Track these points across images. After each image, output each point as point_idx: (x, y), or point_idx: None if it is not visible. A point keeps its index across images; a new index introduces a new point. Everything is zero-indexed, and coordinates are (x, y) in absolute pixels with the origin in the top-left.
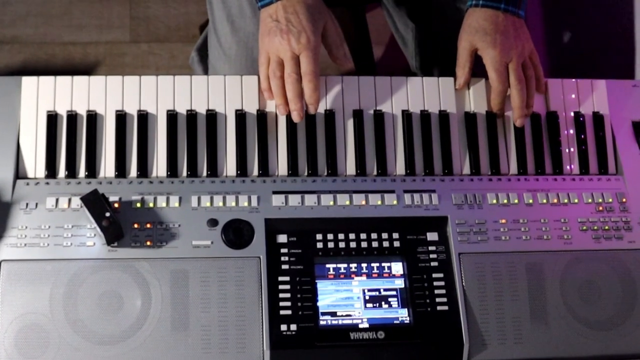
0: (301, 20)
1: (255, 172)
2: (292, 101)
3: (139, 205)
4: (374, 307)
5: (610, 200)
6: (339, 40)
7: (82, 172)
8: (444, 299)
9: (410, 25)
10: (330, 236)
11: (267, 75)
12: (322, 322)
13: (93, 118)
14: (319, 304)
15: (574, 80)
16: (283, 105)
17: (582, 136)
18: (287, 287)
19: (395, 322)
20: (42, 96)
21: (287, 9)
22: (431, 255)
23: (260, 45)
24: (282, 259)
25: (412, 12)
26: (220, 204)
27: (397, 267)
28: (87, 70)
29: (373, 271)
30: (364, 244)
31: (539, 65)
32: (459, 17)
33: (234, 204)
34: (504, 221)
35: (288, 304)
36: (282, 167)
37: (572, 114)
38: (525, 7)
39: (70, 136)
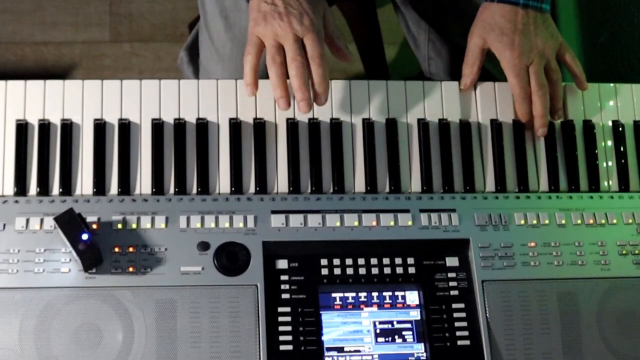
0: (301, 2)
1: (252, 188)
2: (299, 89)
3: (120, 226)
4: (386, 341)
5: None
6: (338, 31)
7: (55, 188)
8: (465, 333)
9: (423, 26)
10: (336, 261)
11: (254, 65)
12: (327, 359)
13: (68, 127)
14: (323, 338)
15: (612, 85)
16: (285, 98)
17: (622, 148)
18: (288, 319)
19: (410, 358)
20: (10, 103)
21: None
22: (451, 283)
23: (252, 31)
24: (282, 287)
25: (425, 11)
26: (212, 225)
27: (412, 297)
28: (61, 73)
29: (385, 301)
30: (374, 270)
31: (573, 62)
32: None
33: (227, 225)
34: (533, 244)
35: (289, 338)
36: (282, 184)
37: (610, 123)
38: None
39: (43, 148)
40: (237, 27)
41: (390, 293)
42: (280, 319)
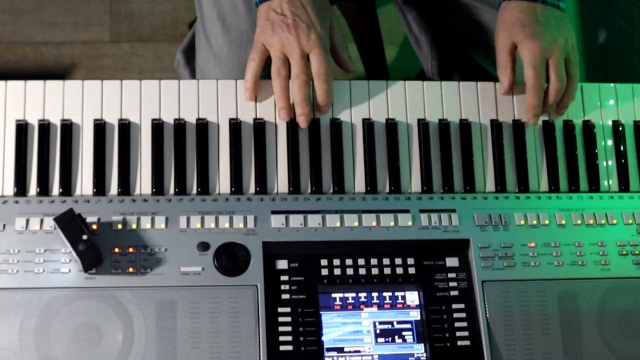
0: (309, 14)
1: (252, 189)
2: (300, 104)
3: (120, 226)
4: (386, 342)
5: None
6: (344, 42)
7: (55, 189)
8: (465, 333)
9: (425, 26)
10: (336, 262)
11: (256, 72)
12: (327, 359)
13: (68, 128)
14: (323, 338)
15: (612, 85)
16: (286, 109)
17: (622, 148)
18: (288, 319)
19: (410, 359)
20: (10, 103)
21: (294, 3)
22: (451, 284)
23: (258, 38)
24: (282, 287)
25: (427, 10)
26: (212, 225)
27: (412, 297)
28: (61, 73)
29: (385, 301)
30: (374, 271)
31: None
32: (478, 16)
33: (227, 225)
34: (533, 244)
35: (289, 338)
36: (282, 184)
37: (610, 122)
38: None
39: (43, 148)
40: (234, 30)
41: (390, 293)
42: (280, 319)
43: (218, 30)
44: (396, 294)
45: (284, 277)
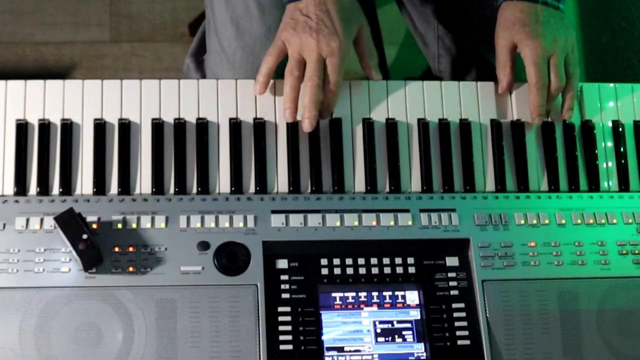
0: (334, 21)
1: (252, 188)
2: (307, 107)
3: (120, 226)
4: (386, 341)
5: None
6: (373, 49)
7: (56, 188)
8: (465, 333)
9: (431, 23)
10: (336, 261)
11: (271, 68)
12: (327, 359)
13: (68, 127)
14: (323, 337)
15: (612, 85)
16: (292, 110)
17: (622, 148)
18: (288, 318)
19: (410, 358)
20: (10, 102)
21: (320, 6)
22: (451, 283)
23: (279, 35)
24: (282, 287)
25: (433, 7)
26: (212, 224)
27: (412, 296)
28: (61, 73)
29: (385, 301)
30: (374, 270)
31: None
32: (484, 12)
33: (227, 224)
34: (533, 244)
35: (289, 337)
36: (282, 183)
37: (610, 123)
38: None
39: (43, 148)
40: (247, 34)
41: (390, 293)
42: (280, 318)
43: (231, 34)
44: (396, 293)
45: (284, 277)
